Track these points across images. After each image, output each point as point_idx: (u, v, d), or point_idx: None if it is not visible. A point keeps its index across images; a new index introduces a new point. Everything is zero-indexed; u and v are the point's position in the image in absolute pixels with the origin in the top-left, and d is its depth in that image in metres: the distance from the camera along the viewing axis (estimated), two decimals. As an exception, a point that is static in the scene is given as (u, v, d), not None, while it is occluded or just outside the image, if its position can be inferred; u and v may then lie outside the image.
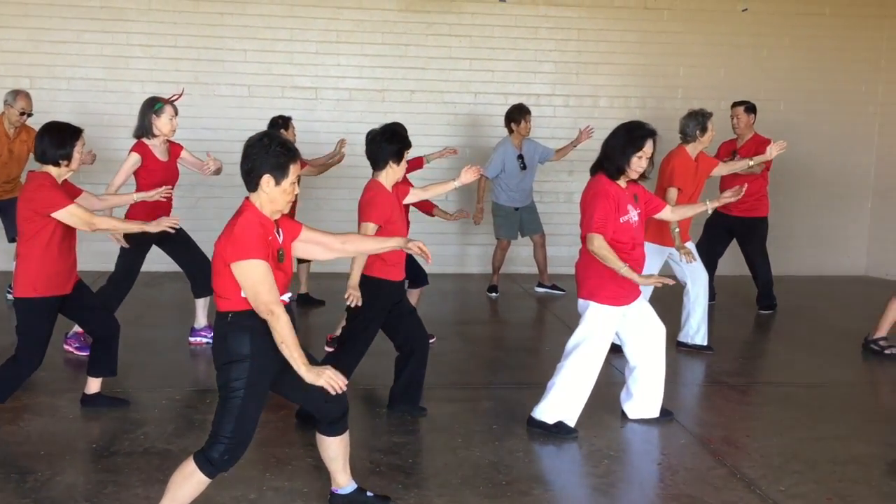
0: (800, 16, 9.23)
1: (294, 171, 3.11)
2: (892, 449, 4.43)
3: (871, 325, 6.35)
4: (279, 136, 3.17)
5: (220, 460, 3.08)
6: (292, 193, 3.13)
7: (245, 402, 3.05)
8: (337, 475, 3.52)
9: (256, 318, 3.03)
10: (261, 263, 2.98)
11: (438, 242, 9.02)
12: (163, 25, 8.44)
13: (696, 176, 5.89)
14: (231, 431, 3.06)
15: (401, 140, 4.54)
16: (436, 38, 8.81)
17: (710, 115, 5.88)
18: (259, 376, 3.07)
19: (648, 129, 4.35)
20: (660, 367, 4.65)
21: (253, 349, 3.04)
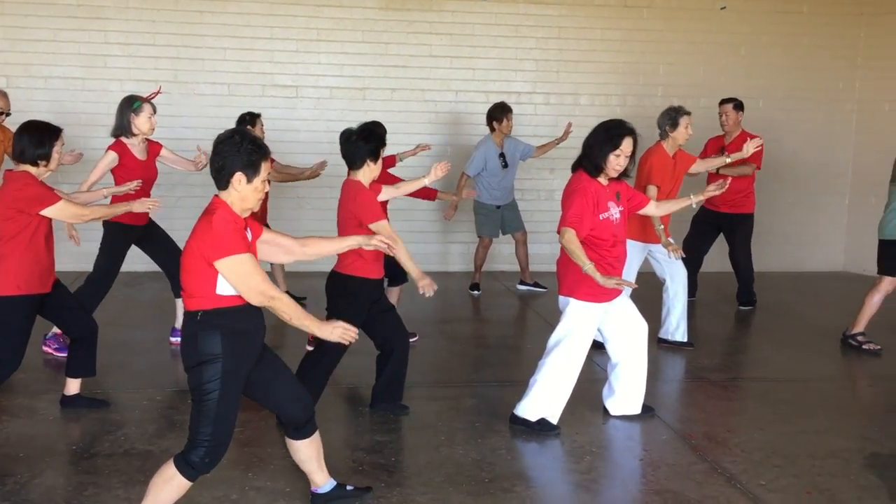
0: (778, 14, 9.30)
1: (265, 169, 3.09)
2: (869, 443, 4.48)
3: (850, 320, 6.42)
4: (250, 133, 3.16)
5: (200, 463, 3.07)
6: (263, 191, 3.11)
7: (220, 403, 3.03)
8: (314, 476, 3.52)
9: (227, 317, 3.02)
10: (248, 256, 2.99)
11: (420, 241, 9.03)
12: (141, 23, 8.38)
13: (674, 173, 5.93)
14: (210, 434, 3.03)
15: (377, 139, 4.53)
16: (416, 36, 8.80)
17: (683, 112, 5.90)
18: (232, 376, 3.05)
19: (627, 127, 4.36)
20: (642, 364, 4.68)
21: (224, 348, 3.01)
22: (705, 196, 5.08)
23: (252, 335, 3.13)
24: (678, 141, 5.91)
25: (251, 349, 3.13)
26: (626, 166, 4.38)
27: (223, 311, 3.02)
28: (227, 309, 3.02)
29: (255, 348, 3.16)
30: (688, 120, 5.89)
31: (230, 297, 3.02)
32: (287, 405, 3.30)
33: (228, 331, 3.02)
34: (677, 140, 5.90)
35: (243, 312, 3.06)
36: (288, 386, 3.31)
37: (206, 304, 3.02)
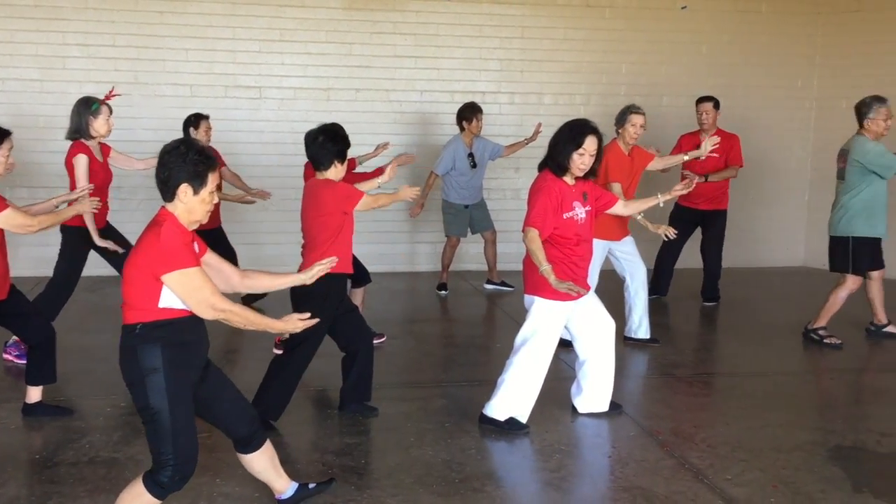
0: (737, 13, 9.43)
1: (213, 180, 3.00)
2: (832, 435, 4.55)
3: (811, 315, 6.53)
4: (196, 143, 3.06)
5: (170, 483, 3.00)
6: (211, 203, 3.02)
7: (173, 419, 2.94)
8: (274, 484, 3.48)
9: (166, 329, 2.94)
10: (197, 270, 2.91)
11: (388, 241, 9.03)
12: (100, 24, 8.25)
13: (630, 170, 5.97)
14: (172, 452, 2.96)
15: (343, 140, 4.52)
16: (380, 36, 8.78)
17: (632, 111, 5.93)
18: (177, 389, 2.95)
19: (590, 126, 4.38)
20: (609, 362, 4.71)
21: (165, 361, 2.92)
22: (673, 194, 5.12)
23: (194, 346, 3.05)
24: (627, 139, 5.96)
25: (194, 361, 3.05)
26: (591, 165, 4.40)
27: (163, 324, 2.93)
28: (167, 321, 2.94)
29: (199, 360, 3.09)
30: (637, 119, 5.92)
31: (172, 309, 2.94)
32: (231, 422, 3.23)
33: (169, 343, 2.94)
34: (624, 138, 5.95)
35: (185, 324, 2.98)
36: (231, 402, 3.23)
37: (147, 317, 2.93)
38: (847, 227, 6.19)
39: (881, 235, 6.22)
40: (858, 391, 5.63)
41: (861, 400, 5.41)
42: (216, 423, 3.26)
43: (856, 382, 5.79)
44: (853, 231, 6.17)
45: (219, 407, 3.20)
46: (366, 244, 8.80)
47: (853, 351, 6.28)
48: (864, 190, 6.11)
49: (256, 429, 3.30)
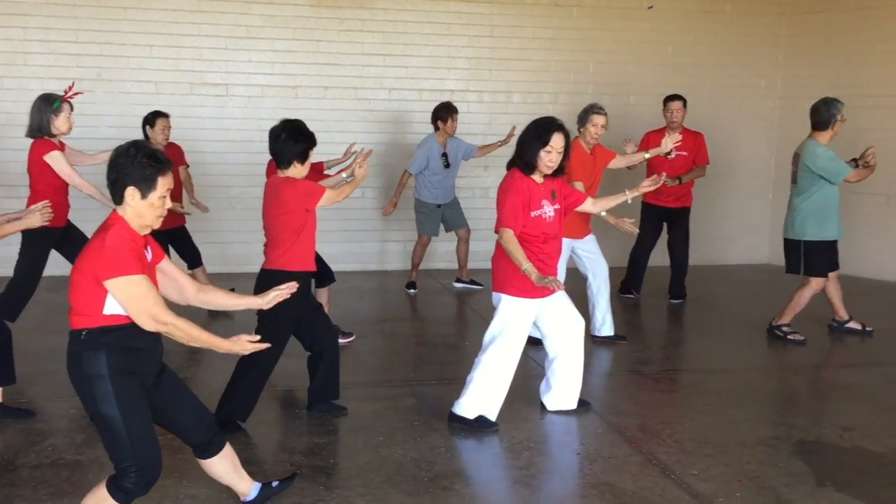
0: (703, 13, 9.53)
1: (163, 185, 2.90)
2: (796, 430, 4.62)
3: (776, 311, 6.62)
4: (148, 146, 2.97)
5: (135, 489, 2.94)
6: (162, 208, 2.93)
7: (127, 426, 2.87)
8: (237, 486, 3.45)
9: (113, 335, 2.87)
10: (142, 278, 2.83)
11: (358, 240, 9.00)
12: (62, 20, 8.11)
13: (592, 168, 6.00)
14: (131, 459, 2.90)
15: (307, 138, 4.45)
16: (348, 33, 8.74)
17: (593, 111, 5.97)
18: (126, 395, 2.88)
19: (556, 123, 4.39)
20: (578, 359, 4.74)
21: (110, 368, 2.85)
22: (640, 191, 5.13)
23: (144, 353, 2.95)
24: (588, 139, 6.00)
25: (144, 366, 2.97)
26: (559, 162, 4.41)
27: (109, 330, 2.86)
28: (113, 327, 2.86)
29: (150, 366, 3.00)
30: (598, 119, 5.95)
31: (118, 316, 2.86)
32: (187, 428, 3.17)
33: (115, 349, 2.86)
34: (588, 136, 5.99)
35: (132, 331, 2.89)
36: (187, 408, 3.16)
37: (92, 323, 2.86)
38: (799, 230, 6.29)
39: (833, 238, 6.31)
40: (821, 386, 5.72)
41: (824, 395, 5.50)
42: (172, 429, 3.20)
43: (818, 378, 5.88)
44: (804, 234, 6.27)
45: (174, 413, 3.13)
46: (336, 243, 8.81)
47: (816, 347, 6.38)
48: (815, 194, 6.21)
49: (213, 434, 3.23)
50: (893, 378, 5.62)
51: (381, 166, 8.99)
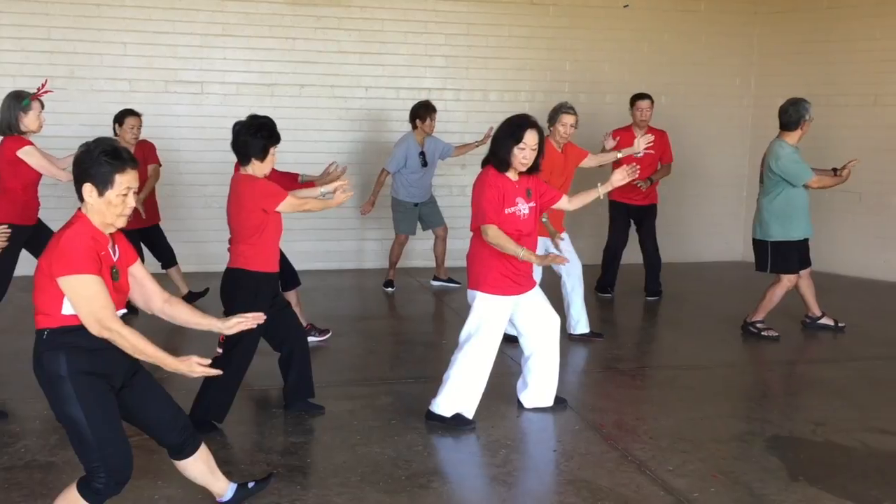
0: (677, 12, 9.59)
1: (123, 182, 2.84)
2: (770, 425, 4.67)
3: (750, 308, 6.68)
4: (110, 142, 2.91)
5: (105, 489, 2.92)
6: (122, 206, 2.87)
7: (92, 426, 2.84)
8: (212, 487, 3.43)
9: (73, 335, 2.83)
10: (94, 279, 2.77)
11: (335, 238, 8.97)
12: (34, 17, 8.01)
13: (563, 167, 6.02)
14: (99, 460, 2.87)
15: (267, 134, 4.36)
16: (325, 31, 8.70)
17: (562, 110, 5.99)
18: (91, 394, 2.85)
19: (530, 121, 4.39)
20: (554, 357, 4.76)
21: (70, 369, 2.82)
22: (613, 185, 5.08)
23: (105, 353, 2.89)
24: (557, 138, 6.02)
25: (108, 367, 2.91)
26: (533, 160, 4.41)
27: (70, 330, 2.82)
28: (73, 328, 2.82)
29: (115, 366, 2.94)
30: (567, 119, 5.97)
31: (66, 316, 2.83)
32: (161, 429, 3.14)
33: (75, 349, 2.83)
34: (558, 136, 6.01)
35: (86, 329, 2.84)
36: (161, 409, 3.13)
37: (53, 323, 2.83)
38: (765, 231, 6.37)
39: (799, 238, 6.36)
40: (794, 382, 5.79)
41: (797, 391, 5.57)
42: (146, 430, 3.17)
43: (792, 374, 5.95)
44: (770, 235, 6.35)
45: (147, 414, 3.10)
46: (313, 241, 8.78)
47: (790, 343, 6.46)
48: (779, 195, 6.27)
49: (187, 436, 3.20)
50: (865, 373, 5.70)
51: (358, 164, 8.95)
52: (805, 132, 6.28)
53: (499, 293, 4.42)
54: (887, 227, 8.93)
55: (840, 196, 9.11)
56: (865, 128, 8.95)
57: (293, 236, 8.62)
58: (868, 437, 4.49)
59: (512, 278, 4.43)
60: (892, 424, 4.68)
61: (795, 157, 6.20)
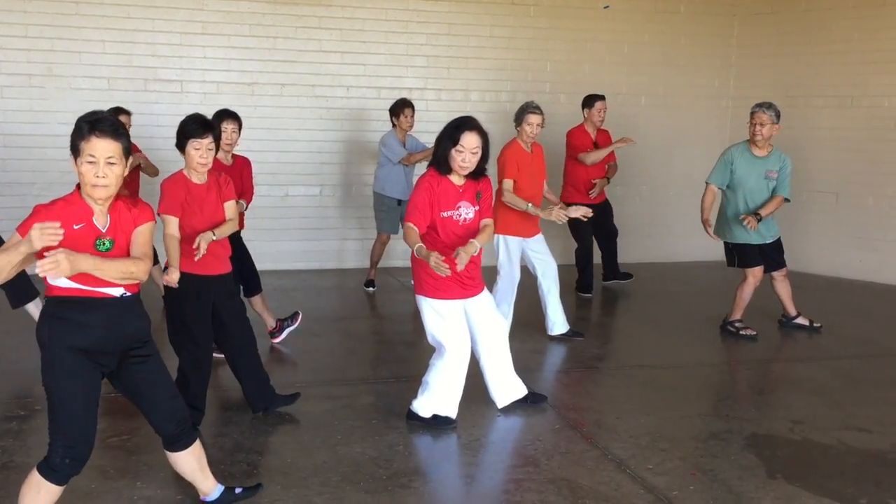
0: (657, 13, 9.65)
1: (87, 150, 2.83)
2: (748, 424, 4.71)
3: (727, 307, 6.74)
4: (92, 113, 2.94)
5: (61, 464, 2.93)
6: (91, 175, 2.84)
7: (60, 399, 2.90)
8: (199, 485, 3.42)
9: (61, 307, 2.89)
10: (14, 235, 2.81)
11: (316, 238, 8.95)
12: (11, 14, 7.94)
13: (532, 166, 6.02)
14: (60, 433, 2.92)
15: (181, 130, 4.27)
16: (305, 30, 8.68)
17: (527, 110, 6.00)
18: (62, 370, 2.89)
19: (471, 123, 4.28)
20: (501, 357, 4.69)
21: (49, 336, 2.89)
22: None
23: (93, 330, 2.90)
24: (524, 138, 6.05)
25: (91, 345, 2.91)
26: (475, 163, 4.29)
27: (60, 301, 2.90)
28: (59, 298, 2.90)
29: (100, 346, 2.94)
30: (533, 119, 5.98)
31: (57, 287, 2.89)
32: (159, 418, 3.17)
33: (56, 319, 2.90)
34: (525, 135, 6.03)
35: (83, 304, 2.89)
36: (162, 398, 3.15)
37: (47, 292, 2.94)
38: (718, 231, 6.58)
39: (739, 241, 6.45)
40: (772, 381, 5.84)
41: (775, 389, 5.62)
42: (146, 415, 3.21)
43: (770, 372, 6.00)
44: (721, 236, 6.57)
45: (149, 400, 3.14)
46: (294, 241, 8.76)
47: (768, 342, 6.52)
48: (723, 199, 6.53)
49: (184, 429, 3.24)
50: (841, 372, 5.77)
51: (338, 164, 8.96)
52: (757, 135, 6.36)
53: (442, 297, 4.38)
54: (863, 227, 9.04)
55: (816, 196, 9.22)
56: (842, 129, 9.05)
57: (273, 236, 8.62)
58: (845, 435, 4.54)
59: (455, 282, 4.37)
60: (868, 422, 4.73)
61: (730, 159, 6.40)
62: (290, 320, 6.15)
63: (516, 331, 6.17)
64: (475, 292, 4.52)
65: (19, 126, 8.01)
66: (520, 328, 6.26)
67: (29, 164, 8.08)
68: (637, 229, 9.37)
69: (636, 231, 9.34)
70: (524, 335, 6.24)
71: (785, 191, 6.35)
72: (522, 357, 5.56)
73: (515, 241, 6.00)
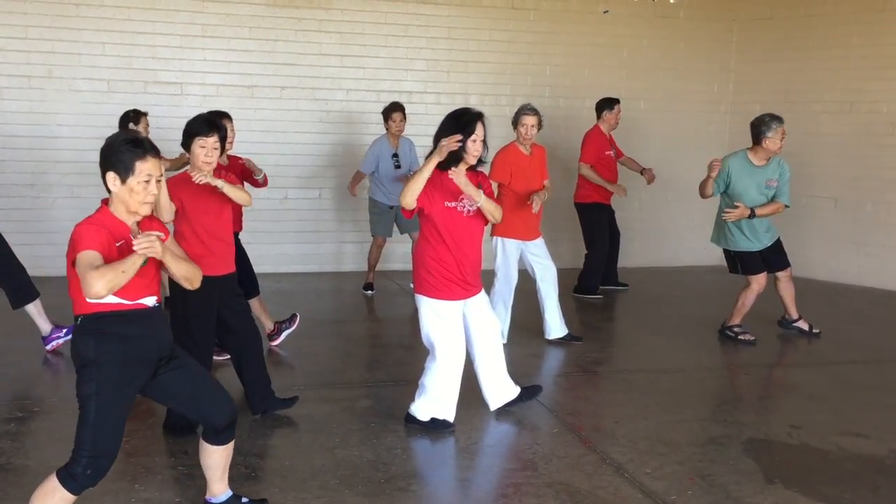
0: (656, 18, 9.67)
1: (143, 170, 2.94)
2: (746, 428, 4.71)
3: (726, 312, 6.74)
4: (129, 133, 3.08)
5: (83, 475, 2.95)
6: (145, 193, 2.96)
7: (99, 411, 2.94)
8: (213, 484, 3.43)
9: (103, 322, 2.94)
10: (90, 253, 2.81)
11: (314, 241, 8.95)
12: (12, 16, 7.94)
13: (528, 168, 6.01)
14: (90, 444, 2.94)
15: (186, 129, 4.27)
16: (305, 34, 8.69)
17: (523, 112, 6.02)
18: (109, 383, 2.94)
19: (475, 113, 4.42)
20: (495, 357, 4.68)
21: (98, 353, 2.93)
22: None
23: (137, 341, 3.00)
24: (520, 140, 6.06)
25: (137, 355, 3.01)
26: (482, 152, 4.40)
27: (98, 316, 2.95)
28: (103, 314, 2.94)
29: (144, 356, 3.04)
30: (528, 120, 6.00)
31: (104, 303, 2.91)
32: (213, 410, 3.22)
33: (104, 335, 2.95)
34: (521, 138, 6.05)
35: (125, 317, 2.97)
36: (210, 391, 3.24)
37: (83, 309, 2.96)
38: (717, 238, 6.61)
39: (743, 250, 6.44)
40: (770, 386, 5.84)
41: (772, 394, 5.62)
42: (197, 414, 3.26)
43: (768, 377, 6.01)
44: (718, 243, 6.60)
45: (196, 397, 3.20)
46: (291, 244, 8.76)
47: (766, 347, 6.52)
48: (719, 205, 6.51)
49: (234, 421, 3.30)
50: (840, 377, 5.77)
51: (337, 167, 8.95)
52: (767, 148, 6.25)
53: (442, 297, 4.39)
54: (861, 232, 9.05)
55: (815, 201, 9.23)
56: (841, 134, 9.07)
57: (272, 238, 8.62)
58: (843, 441, 4.54)
59: (457, 282, 4.39)
60: (866, 428, 4.73)
61: (726, 170, 6.30)
62: (287, 323, 6.15)
63: (514, 335, 6.18)
64: (475, 292, 4.53)
65: (19, 128, 8.01)
66: (518, 332, 6.26)
67: (28, 166, 8.08)
68: (636, 233, 9.38)
69: (635, 235, 9.34)
70: (522, 339, 6.24)
71: (784, 197, 6.34)
72: (521, 361, 5.57)
73: (514, 243, 6.01)
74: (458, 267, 4.37)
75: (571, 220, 8.23)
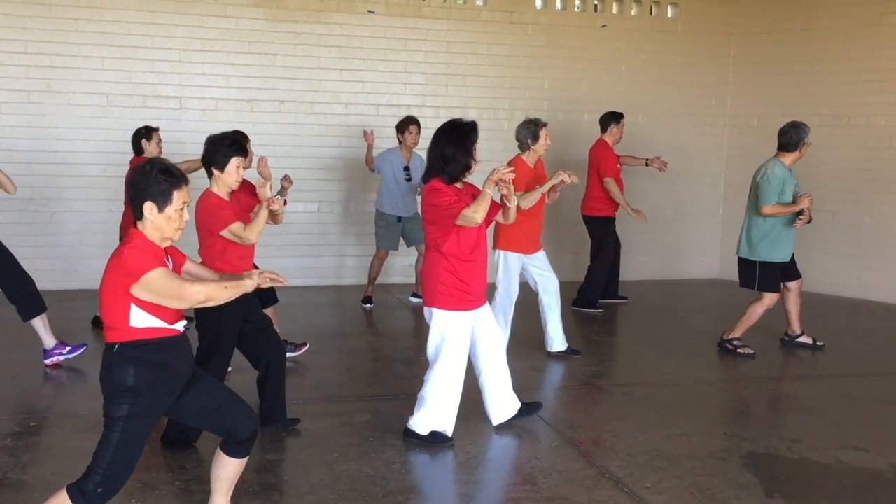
0: (655, 32, 9.71)
1: (179, 197, 3.07)
2: (746, 442, 4.70)
3: (726, 325, 6.73)
4: (162, 162, 3.13)
5: (93, 493, 2.98)
6: (180, 220, 3.09)
7: (125, 435, 3.00)
8: (217, 497, 3.42)
9: (143, 349, 3.00)
10: (161, 270, 2.95)
11: (314, 254, 8.95)
12: (11, 30, 7.96)
13: (534, 183, 6.02)
14: (107, 464, 2.98)
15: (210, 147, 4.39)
16: (304, 48, 8.72)
17: (541, 124, 6.06)
18: (141, 410, 3.01)
19: (473, 123, 4.49)
20: (501, 371, 4.70)
21: (138, 381, 3.00)
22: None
23: (172, 368, 3.09)
24: (539, 152, 6.07)
25: (171, 382, 3.10)
26: None
27: (139, 344, 3.01)
28: (143, 341, 3.01)
29: (177, 381, 3.13)
30: (546, 131, 6.05)
31: (146, 329, 3.00)
32: (236, 422, 3.24)
33: (143, 363, 3.00)
34: (538, 151, 6.06)
35: (161, 345, 3.05)
36: (231, 402, 3.27)
37: (123, 337, 3.01)
38: (754, 251, 6.38)
39: (784, 259, 6.41)
40: (770, 399, 5.83)
41: (773, 408, 5.61)
42: (222, 428, 3.25)
43: (768, 391, 5.99)
44: (758, 256, 6.37)
45: (219, 411, 3.22)
46: (292, 257, 8.75)
47: (766, 360, 6.50)
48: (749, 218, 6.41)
49: (256, 431, 3.32)
50: (840, 391, 5.76)
51: (336, 181, 8.97)
52: (803, 155, 6.34)
53: (455, 309, 4.41)
54: (860, 245, 9.06)
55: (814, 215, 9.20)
56: (839, 147, 9.08)
57: (271, 252, 8.61)
58: (843, 454, 4.53)
59: (466, 293, 4.41)
60: (866, 442, 4.72)
61: (778, 179, 6.22)
62: (294, 346, 6.10)
63: (514, 348, 6.16)
64: (482, 303, 4.54)
65: (18, 142, 8.02)
66: (518, 345, 6.25)
67: (28, 180, 8.06)
68: (635, 246, 9.38)
69: (634, 248, 9.34)
70: (522, 352, 6.23)
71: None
72: (521, 374, 5.55)
73: (515, 257, 6.01)
74: (472, 278, 4.39)
75: (572, 233, 8.25)
